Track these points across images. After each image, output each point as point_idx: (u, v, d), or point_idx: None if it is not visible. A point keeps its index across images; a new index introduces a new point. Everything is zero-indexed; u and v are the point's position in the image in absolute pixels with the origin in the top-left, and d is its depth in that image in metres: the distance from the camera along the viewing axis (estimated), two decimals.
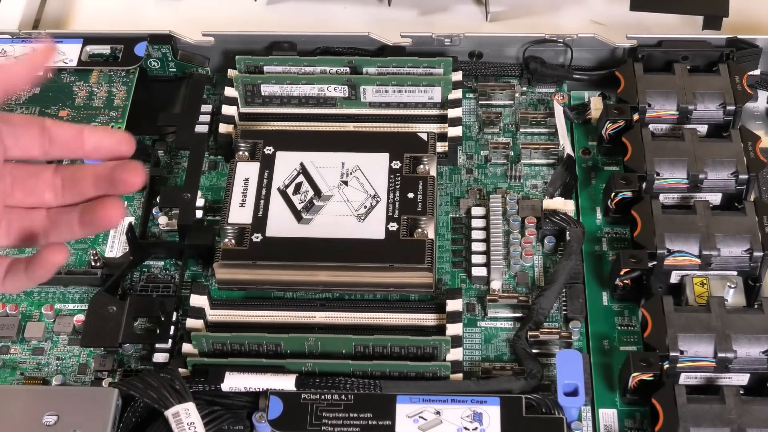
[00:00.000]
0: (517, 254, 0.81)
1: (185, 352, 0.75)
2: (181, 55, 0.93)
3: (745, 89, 0.85)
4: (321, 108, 0.89)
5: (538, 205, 0.83)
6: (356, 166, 0.83)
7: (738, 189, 0.81)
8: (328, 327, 0.77)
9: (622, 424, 0.73)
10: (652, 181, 0.80)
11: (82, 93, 0.89)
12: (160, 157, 0.87)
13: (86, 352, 0.77)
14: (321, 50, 0.92)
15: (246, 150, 0.84)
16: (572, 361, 0.72)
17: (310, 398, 0.71)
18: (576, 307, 0.78)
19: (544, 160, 0.87)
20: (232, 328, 0.77)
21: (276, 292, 0.80)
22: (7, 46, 0.92)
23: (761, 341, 0.71)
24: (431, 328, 0.77)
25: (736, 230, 0.76)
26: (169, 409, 0.69)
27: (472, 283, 0.81)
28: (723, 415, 0.68)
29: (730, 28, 0.92)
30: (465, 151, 0.88)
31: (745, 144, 0.81)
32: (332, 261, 0.78)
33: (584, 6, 0.99)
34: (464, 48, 0.92)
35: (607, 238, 0.83)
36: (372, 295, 0.80)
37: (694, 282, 0.76)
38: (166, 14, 1.00)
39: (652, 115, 0.85)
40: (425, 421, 0.70)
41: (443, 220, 0.84)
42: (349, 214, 0.80)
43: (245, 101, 0.89)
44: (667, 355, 0.71)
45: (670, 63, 0.88)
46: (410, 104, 0.88)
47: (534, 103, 0.91)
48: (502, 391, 0.72)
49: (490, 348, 0.78)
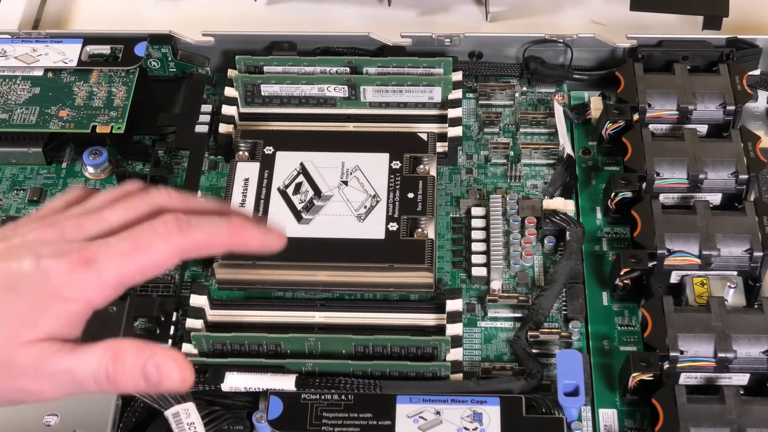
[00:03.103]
0: (517, 254, 0.81)
1: (185, 352, 0.75)
2: (181, 55, 0.93)
3: (745, 89, 0.85)
4: (321, 108, 0.89)
5: (538, 205, 0.83)
6: (356, 166, 0.83)
7: (738, 189, 0.81)
8: (328, 327, 0.77)
9: (622, 424, 0.73)
10: (652, 181, 0.80)
11: (82, 93, 0.89)
12: (160, 157, 0.87)
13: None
14: (321, 50, 0.92)
15: (246, 150, 0.84)
16: (572, 361, 0.72)
17: (310, 398, 0.71)
18: (576, 307, 0.78)
19: (544, 160, 0.87)
20: (232, 328, 0.77)
21: (276, 292, 0.80)
22: (7, 46, 0.92)
23: (761, 341, 0.71)
24: (431, 328, 0.77)
25: (736, 230, 0.76)
26: (169, 409, 0.69)
27: (472, 283, 0.81)
28: (723, 415, 0.68)
29: (730, 28, 0.92)
30: (465, 151, 0.88)
31: (745, 144, 0.81)
32: (332, 261, 0.78)
33: (584, 6, 0.99)
34: (464, 48, 0.92)
35: (607, 238, 0.83)
36: (372, 295, 0.80)
37: (694, 282, 0.76)
38: (166, 14, 1.00)
39: (652, 115, 0.85)
40: (425, 421, 0.70)
41: (443, 220, 0.84)
42: (349, 214, 0.80)
43: (245, 101, 0.89)
44: (667, 355, 0.71)
45: (670, 63, 0.88)
46: (410, 104, 0.88)
47: (534, 103, 0.91)
48: (502, 391, 0.72)
49: (490, 348, 0.78)
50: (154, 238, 0.59)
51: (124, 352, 0.57)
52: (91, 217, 0.60)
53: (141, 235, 0.59)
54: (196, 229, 0.60)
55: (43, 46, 0.92)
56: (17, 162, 0.88)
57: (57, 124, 0.87)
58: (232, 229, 0.61)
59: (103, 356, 0.57)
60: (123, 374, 0.57)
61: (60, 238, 0.59)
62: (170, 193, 0.62)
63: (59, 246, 0.58)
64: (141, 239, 0.59)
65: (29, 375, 0.57)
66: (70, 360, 0.57)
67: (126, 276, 0.59)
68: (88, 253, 0.58)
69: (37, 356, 0.57)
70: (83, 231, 0.59)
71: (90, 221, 0.60)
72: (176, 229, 0.59)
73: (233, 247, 0.62)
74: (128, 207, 0.60)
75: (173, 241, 0.59)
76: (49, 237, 0.59)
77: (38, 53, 0.91)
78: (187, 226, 0.59)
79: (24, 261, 0.57)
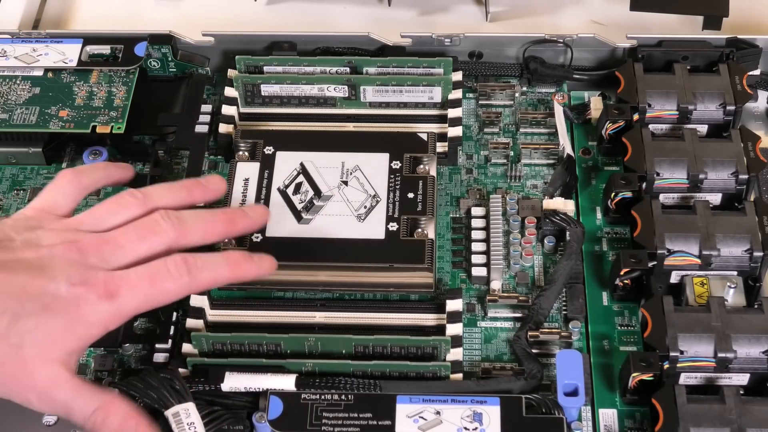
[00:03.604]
0: (517, 254, 0.81)
1: (185, 352, 0.75)
2: (181, 55, 0.93)
3: (745, 89, 0.85)
4: (321, 108, 0.89)
5: (538, 205, 0.83)
6: (356, 166, 0.83)
7: (738, 189, 0.81)
8: (328, 327, 0.77)
9: (622, 424, 0.73)
10: (652, 181, 0.80)
11: (82, 93, 0.89)
12: (160, 157, 0.87)
13: (86, 352, 0.77)
14: (321, 50, 0.92)
15: (246, 150, 0.84)
16: (572, 361, 0.72)
17: (310, 398, 0.71)
18: (576, 307, 0.78)
19: (544, 160, 0.87)
20: (232, 328, 0.77)
21: (276, 292, 0.80)
22: (7, 46, 0.92)
23: (761, 341, 0.71)
24: (431, 328, 0.77)
25: (736, 230, 0.76)
26: (169, 409, 0.69)
27: (472, 283, 0.81)
28: (723, 415, 0.68)
29: (730, 28, 0.92)
30: (465, 151, 0.88)
31: (745, 144, 0.81)
32: (332, 261, 0.78)
33: (584, 6, 0.99)
34: (464, 48, 0.92)
35: (607, 238, 0.83)
36: (372, 295, 0.80)
37: (694, 282, 0.76)
38: (166, 14, 1.00)
39: (652, 115, 0.85)
40: (425, 421, 0.70)
41: (443, 220, 0.84)
42: (349, 214, 0.80)
43: (245, 101, 0.89)
44: (667, 355, 0.71)
45: (670, 63, 0.88)
46: (410, 104, 0.88)
47: (534, 103, 0.91)
48: (502, 391, 0.72)
49: (490, 348, 0.78)
50: (167, 279, 0.68)
51: (115, 414, 0.67)
52: (109, 244, 0.69)
53: (156, 274, 0.68)
54: (202, 271, 0.70)
55: (43, 46, 0.92)
56: (17, 162, 0.88)
57: (57, 124, 0.87)
58: (231, 266, 0.71)
59: (98, 410, 0.66)
60: (105, 430, 0.67)
61: (83, 262, 0.67)
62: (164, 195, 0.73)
63: (85, 273, 0.67)
64: (156, 277, 0.68)
65: (36, 392, 0.65)
66: (72, 397, 0.66)
67: (140, 308, 0.69)
68: (111, 287, 0.67)
69: (50, 379, 0.65)
70: (103, 259, 0.68)
71: (108, 248, 0.68)
72: (186, 271, 0.69)
73: (234, 281, 0.73)
74: (139, 231, 0.70)
75: (183, 281, 0.69)
76: (73, 257, 0.67)
77: (38, 53, 0.91)
78: (194, 268, 0.69)
79: (60, 284, 0.66)
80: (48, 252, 0.67)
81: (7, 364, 0.64)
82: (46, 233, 0.69)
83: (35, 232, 0.69)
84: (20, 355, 0.64)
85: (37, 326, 0.65)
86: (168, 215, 0.71)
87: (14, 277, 0.65)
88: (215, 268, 0.71)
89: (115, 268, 0.68)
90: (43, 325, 0.65)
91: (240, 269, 0.72)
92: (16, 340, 0.64)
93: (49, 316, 0.65)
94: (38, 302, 0.65)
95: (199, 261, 0.70)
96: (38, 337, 0.65)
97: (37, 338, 0.65)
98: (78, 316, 0.66)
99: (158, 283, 0.68)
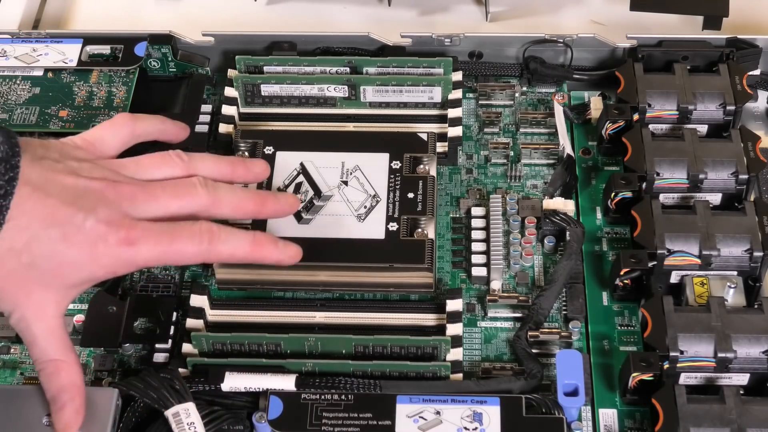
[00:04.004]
0: (517, 254, 0.81)
1: (185, 352, 0.75)
2: (181, 55, 0.93)
3: (745, 89, 0.85)
4: (321, 108, 0.89)
5: (538, 205, 0.83)
6: (356, 166, 0.83)
7: (738, 189, 0.81)
8: (328, 327, 0.77)
9: (622, 424, 0.73)
10: (652, 181, 0.80)
11: (82, 93, 0.89)
12: None
13: (86, 352, 0.77)
14: (321, 50, 0.92)
15: (246, 150, 0.84)
16: (572, 361, 0.72)
17: (310, 398, 0.71)
18: (576, 307, 0.78)
19: (544, 160, 0.87)
20: (232, 328, 0.77)
21: (276, 292, 0.80)
22: (7, 46, 0.92)
23: (761, 341, 0.71)
24: (431, 328, 0.77)
25: (736, 230, 0.76)
26: (169, 409, 0.69)
27: (472, 283, 0.81)
28: (723, 415, 0.68)
29: (730, 28, 0.92)
30: (465, 151, 0.88)
31: (745, 144, 0.81)
32: (332, 261, 0.78)
33: (584, 6, 0.99)
34: (464, 48, 0.92)
35: (607, 238, 0.83)
36: (372, 295, 0.80)
37: (694, 282, 0.76)
38: (166, 14, 1.00)
39: (652, 115, 0.85)
40: (425, 421, 0.70)
41: (443, 220, 0.84)
42: (349, 214, 0.80)
43: (245, 101, 0.89)
44: (667, 355, 0.71)
45: (670, 63, 0.88)
46: (410, 104, 0.88)
47: (534, 103, 0.91)
48: (502, 391, 0.72)
49: (490, 348, 0.78)
50: (188, 241, 0.69)
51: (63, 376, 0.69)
52: (145, 193, 0.70)
53: (178, 233, 0.69)
54: (223, 243, 0.71)
55: (43, 46, 0.92)
56: None
57: (57, 124, 0.87)
58: (254, 246, 0.72)
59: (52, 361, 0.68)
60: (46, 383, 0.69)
61: (114, 202, 0.68)
62: (208, 165, 0.74)
63: (112, 214, 0.67)
64: (177, 237, 0.69)
65: (20, 311, 0.67)
66: (42, 335, 0.68)
67: (154, 262, 0.70)
68: (132, 235, 0.67)
69: (39, 307, 0.67)
70: (134, 206, 0.69)
71: (143, 197, 0.69)
72: (208, 239, 0.70)
73: (253, 261, 0.74)
74: (177, 189, 0.71)
75: (202, 247, 0.70)
76: (107, 196, 0.68)
77: (38, 53, 0.91)
78: (217, 239, 0.70)
79: (88, 218, 0.66)
80: (85, 183, 0.68)
81: (11, 278, 0.66)
82: (89, 165, 0.70)
83: (80, 161, 0.69)
84: (26, 274, 0.66)
85: (52, 254, 0.66)
86: (206, 182, 0.72)
87: (47, 199, 0.66)
88: (237, 243, 0.72)
89: (142, 218, 0.69)
90: (57, 254, 0.66)
91: (261, 251, 0.73)
92: (28, 260, 0.65)
93: (66, 247, 0.66)
94: (60, 230, 0.66)
95: (223, 233, 0.71)
96: (49, 264, 0.66)
97: (47, 265, 0.66)
98: (93, 254, 0.67)
99: (177, 243, 0.69)
